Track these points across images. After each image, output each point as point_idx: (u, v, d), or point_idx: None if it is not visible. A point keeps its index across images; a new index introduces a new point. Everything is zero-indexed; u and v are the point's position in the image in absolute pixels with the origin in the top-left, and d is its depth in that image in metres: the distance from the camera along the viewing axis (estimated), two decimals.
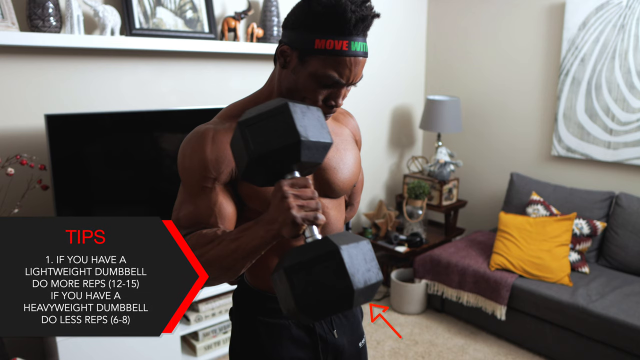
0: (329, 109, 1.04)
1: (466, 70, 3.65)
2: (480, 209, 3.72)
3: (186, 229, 1.01)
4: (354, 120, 1.28)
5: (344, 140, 1.19)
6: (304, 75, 1.00)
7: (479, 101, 3.61)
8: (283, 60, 1.03)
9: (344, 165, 1.16)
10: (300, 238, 0.87)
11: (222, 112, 1.11)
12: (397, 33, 3.63)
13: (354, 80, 1.01)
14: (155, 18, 2.39)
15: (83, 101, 2.29)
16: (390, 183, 3.86)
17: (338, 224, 1.20)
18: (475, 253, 2.98)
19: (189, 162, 1.02)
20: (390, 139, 3.78)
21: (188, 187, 1.03)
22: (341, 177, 1.15)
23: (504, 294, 2.67)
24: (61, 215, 2.08)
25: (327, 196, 1.16)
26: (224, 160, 1.01)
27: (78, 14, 2.12)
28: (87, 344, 2.11)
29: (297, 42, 0.99)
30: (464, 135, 3.74)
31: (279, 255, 1.12)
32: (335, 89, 1.01)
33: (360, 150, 1.32)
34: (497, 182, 3.60)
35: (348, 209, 1.39)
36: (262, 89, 1.12)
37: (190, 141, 1.04)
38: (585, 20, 2.96)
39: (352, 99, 3.43)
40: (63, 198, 2.08)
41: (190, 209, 1.02)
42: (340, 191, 1.17)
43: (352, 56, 0.97)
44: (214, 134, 1.02)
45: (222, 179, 1.02)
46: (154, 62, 2.48)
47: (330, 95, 1.02)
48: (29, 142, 2.14)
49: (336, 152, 1.16)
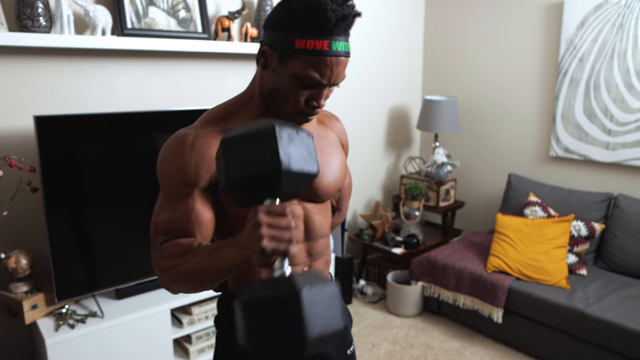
0: (310, 110, 1.02)
1: (464, 70, 3.62)
2: (477, 210, 3.69)
3: (164, 235, 1.00)
4: (341, 123, 1.27)
5: (329, 144, 1.17)
6: (285, 76, 0.98)
7: (477, 101, 3.58)
8: (264, 61, 1.01)
9: (329, 169, 1.14)
10: None
11: (204, 115, 1.09)
12: (394, 32, 3.60)
13: (336, 80, 0.99)
14: (147, 18, 2.36)
15: (74, 102, 2.26)
16: (387, 184, 3.83)
17: (323, 229, 1.17)
18: (472, 255, 2.96)
19: (168, 167, 1.01)
20: (387, 139, 3.75)
21: (167, 193, 1.02)
22: (326, 182, 1.13)
23: (500, 297, 2.65)
24: (51, 218, 2.05)
25: (312, 201, 1.14)
26: (203, 166, 0.99)
27: (68, 13, 2.09)
28: (78, 346, 2.09)
29: (278, 42, 0.97)
30: (462, 136, 3.71)
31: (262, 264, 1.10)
32: (317, 90, 1.00)
33: (348, 154, 1.30)
34: (494, 183, 3.57)
35: (336, 214, 1.38)
36: (245, 91, 1.11)
37: (170, 146, 1.02)
38: (584, 20, 2.92)
39: (349, 99, 3.41)
40: (53, 200, 2.05)
41: (169, 215, 1.00)
42: (324, 196, 1.15)
43: (333, 56, 0.95)
44: (194, 139, 1.00)
45: (201, 184, 1.00)
46: (146, 62, 2.45)
47: (312, 96, 1.00)
48: (18, 143, 2.11)
49: (321, 155, 1.14)
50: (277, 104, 1.03)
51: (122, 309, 2.26)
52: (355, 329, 2.95)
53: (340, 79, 1.00)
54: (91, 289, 2.23)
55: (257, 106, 1.07)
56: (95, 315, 2.21)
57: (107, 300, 2.34)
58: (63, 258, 2.12)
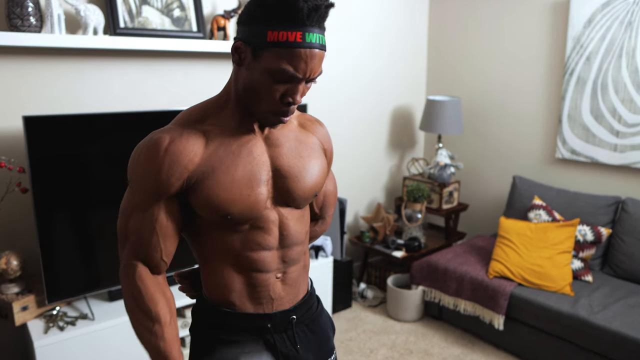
0: (286, 107, 0.98)
1: (467, 70, 3.54)
2: (481, 213, 3.61)
3: (133, 249, 1.02)
4: (324, 129, 1.22)
5: (309, 148, 1.13)
6: (258, 71, 0.95)
7: (481, 101, 3.50)
8: (238, 57, 0.98)
9: (307, 173, 1.10)
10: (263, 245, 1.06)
11: (180, 115, 1.06)
12: (398, 31, 3.54)
13: (312, 74, 0.95)
14: (140, 17, 2.33)
15: (65, 102, 2.24)
16: (390, 185, 3.77)
17: (299, 236, 1.13)
18: (474, 259, 2.88)
19: (140, 171, 1.00)
20: (390, 140, 3.69)
21: (136, 194, 1.01)
22: (302, 186, 1.09)
23: (502, 303, 2.57)
24: (41, 219, 2.03)
25: (288, 205, 1.10)
26: (175, 174, 0.98)
27: (59, 12, 2.06)
28: (67, 349, 2.06)
29: (250, 36, 0.94)
30: (465, 137, 3.63)
31: (235, 268, 1.08)
32: (292, 85, 0.96)
33: (332, 160, 1.25)
34: (499, 186, 3.49)
35: (320, 222, 1.34)
36: (222, 92, 1.07)
37: (143, 149, 1.00)
38: (591, 17, 2.83)
39: (351, 98, 3.35)
40: (43, 201, 2.03)
41: (137, 223, 1.01)
42: (301, 200, 1.11)
43: (307, 48, 0.92)
44: (168, 144, 0.98)
45: (171, 191, 1.00)
46: (140, 62, 2.42)
47: (287, 92, 0.96)
48: (7, 144, 2.10)
49: (299, 159, 1.10)
50: (252, 103, 1.00)
51: (114, 311, 2.24)
52: (353, 333, 2.90)
53: (315, 73, 0.96)
54: (82, 291, 2.20)
55: (235, 106, 1.04)
56: (86, 317, 2.19)
57: (99, 302, 2.31)
58: (53, 259, 2.10)
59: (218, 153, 1.01)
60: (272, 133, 1.08)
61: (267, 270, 1.09)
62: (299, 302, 1.16)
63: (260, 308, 1.10)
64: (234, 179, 1.00)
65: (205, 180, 0.99)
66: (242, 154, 1.02)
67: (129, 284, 1.02)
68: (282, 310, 1.12)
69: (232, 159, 1.01)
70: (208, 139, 1.01)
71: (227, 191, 1.00)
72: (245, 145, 1.03)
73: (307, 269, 1.20)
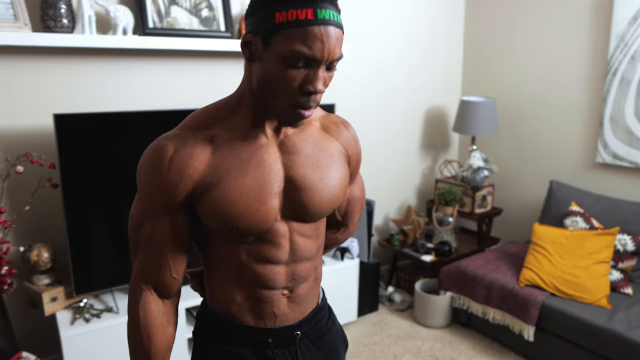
0: (306, 97, 0.87)
1: (503, 69, 3.42)
2: (516, 218, 3.48)
3: (142, 270, 0.99)
4: (349, 132, 1.09)
5: (329, 156, 1.02)
6: (271, 60, 0.86)
7: (517, 102, 3.37)
8: (248, 52, 0.90)
9: (324, 185, 1.00)
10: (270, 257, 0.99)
11: (189, 118, 1.00)
12: (431, 30, 3.46)
13: (330, 56, 0.85)
14: (169, 17, 2.37)
15: (94, 101, 2.31)
16: (422, 188, 3.69)
17: (310, 251, 1.05)
18: (505, 266, 2.77)
19: (144, 180, 0.96)
20: (423, 141, 3.61)
21: (144, 204, 0.97)
22: (318, 200, 0.99)
23: (532, 313, 2.46)
24: (70, 213, 2.10)
25: (300, 220, 1.01)
26: (180, 185, 0.93)
27: (90, 14, 2.12)
28: (92, 340, 2.12)
29: (258, 25, 0.86)
30: (500, 139, 3.50)
31: (238, 281, 1.02)
32: (310, 70, 0.86)
33: (359, 164, 1.14)
34: (535, 190, 3.34)
35: (342, 229, 1.24)
36: (234, 93, 0.99)
37: (147, 158, 0.95)
38: (637, 14, 2.67)
39: (383, 98, 3.30)
40: (72, 196, 2.09)
41: (147, 235, 0.97)
42: (315, 215, 1.01)
43: (320, 25, 0.82)
44: (173, 154, 0.92)
45: (176, 202, 0.95)
46: (168, 61, 2.46)
47: (306, 79, 0.86)
48: (39, 141, 2.18)
49: (316, 169, 0.99)
50: (269, 99, 0.90)
51: None
52: (378, 337, 2.85)
53: (335, 55, 0.86)
54: (109, 285, 2.26)
55: (248, 108, 0.96)
56: (111, 310, 2.25)
57: (125, 296, 2.37)
58: (82, 253, 2.17)
59: (226, 161, 0.94)
60: (288, 138, 0.99)
61: (272, 286, 1.02)
62: (305, 318, 1.09)
63: (262, 322, 1.04)
64: (242, 191, 0.93)
65: (212, 190, 0.93)
66: (252, 162, 0.95)
67: (133, 308, 1.00)
68: (286, 326, 1.06)
69: (241, 168, 0.94)
70: (216, 144, 0.94)
71: (234, 204, 0.93)
72: (256, 153, 0.95)
73: (318, 281, 1.13)
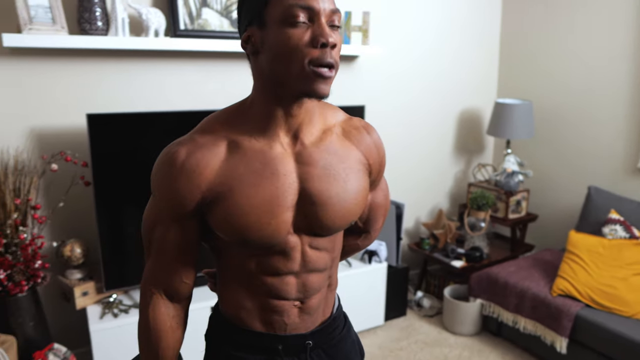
0: (322, 53, 0.83)
1: (541, 70, 3.30)
2: (552, 225, 3.35)
3: (153, 274, 0.99)
4: (371, 137, 1.03)
5: (348, 167, 0.97)
6: (272, 34, 0.84)
7: (555, 104, 3.25)
8: (251, 46, 0.89)
9: (340, 199, 0.95)
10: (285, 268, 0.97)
11: (205, 121, 0.97)
12: (465, 30, 3.37)
13: (326, 5, 0.83)
14: (200, 19, 2.40)
15: (127, 101, 2.36)
16: (455, 191, 3.61)
17: (321, 262, 1.01)
18: (538, 274, 2.68)
19: (157, 187, 0.95)
20: (456, 144, 3.53)
21: (156, 209, 0.97)
22: (333, 215, 0.95)
23: (565, 324, 2.36)
24: (101, 210, 2.16)
25: (314, 234, 0.97)
26: (188, 194, 0.91)
27: (123, 16, 2.18)
28: (119, 335, 2.18)
29: (250, 13, 0.87)
30: (536, 143, 3.39)
31: (249, 290, 1.01)
32: (313, 25, 0.83)
33: (382, 173, 1.08)
34: (572, 196, 3.21)
35: (363, 236, 1.20)
36: (248, 96, 0.97)
37: (159, 164, 0.94)
38: None
39: (415, 100, 3.25)
40: (103, 194, 2.15)
41: (159, 239, 0.96)
42: (330, 230, 0.98)
43: None
44: (184, 160, 0.90)
45: (187, 210, 0.93)
46: (199, 62, 2.50)
47: (313, 35, 0.83)
48: (73, 139, 2.25)
49: (333, 182, 0.95)
50: (285, 74, 0.85)
51: None
52: (404, 342, 2.81)
53: (330, 5, 0.85)
54: (138, 281, 2.31)
55: (260, 104, 0.92)
56: None
57: None
58: (112, 249, 2.22)
59: (238, 170, 0.90)
60: (306, 149, 0.94)
61: (283, 297, 1.00)
62: (318, 328, 1.07)
63: (272, 330, 1.03)
64: (253, 204, 0.90)
65: (222, 201, 0.90)
66: (265, 172, 0.91)
67: (143, 312, 1.00)
68: (297, 334, 1.04)
69: (253, 178, 0.90)
70: (229, 151, 0.91)
71: (244, 216, 0.90)
72: (270, 163, 0.91)
73: (332, 288, 1.10)
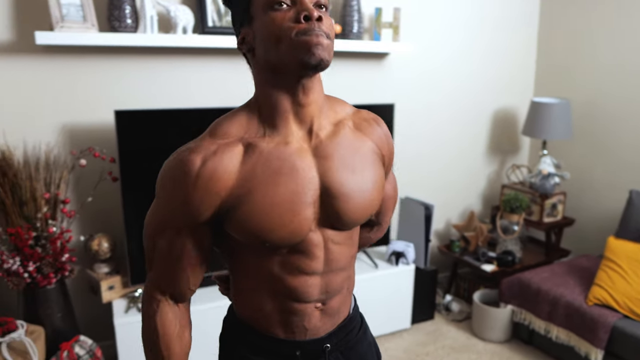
0: (308, 25, 0.83)
1: (579, 68, 3.15)
2: (590, 230, 3.20)
3: (157, 281, 0.97)
4: (381, 128, 1.04)
5: (364, 158, 0.97)
6: (260, 22, 0.87)
7: (594, 103, 3.10)
8: (247, 45, 0.91)
9: (360, 191, 0.95)
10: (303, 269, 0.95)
11: (217, 122, 0.94)
12: (501, 24, 3.26)
13: None
14: (228, 16, 2.40)
15: (154, 97, 2.38)
16: (487, 193, 3.50)
17: (343, 259, 1.00)
18: (573, 281, 2.56)
19: (168, 194, 0.91)
20: (490, 144, 3.42)
21: (161, 216, 0.93)
22: (354, 207, 0.94)
23: (601, 336, 2.25)
24: (127, 206, 2.18)
25: (335, 228, 0.96)
26: (204, 203, 0.88)
27: (152, 14, 2.19)
28: None
29: (239, 13, 0.91)
30: (574, 143, 3.24)
31: (269, 294, 0.98)
32: (297, 5, 0.85)
33: (392, 163, 1.09)
34: (612, 200, 3.06)
35: (375, 228, 1.20)
36: (252, 97, 0.96)
37: (171, 171, 0.90)
38: None
39: (446, 98, 3.17)
40: (130, 189, 2.17)
41: (163, 248, 0.93)
42: (352, 223, 0.97)
43: None
44: (199, 167, 0.86)
45: (200, 220, 0.90)
46: (226, 59, 2.50)
47: (297, 11, 0.84)
48: (101, 136, 2.29)
49: (351, 174, 0.94)
50: (276, 56, 0.86)
51: None
52: (431, 347, 2.74)
53: None
54: None
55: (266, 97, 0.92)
56: None
57: None
58: (138, 244, 2.24)
59: (256, 172, 0.88)
60: (322, 143, 0.93)
61: (306, 299, 0.98)
62: (335, 329, 1.05)
63: (291, 335, 1.01)
64: (273, 202, 0.87)
65: (242, 205, 0.88)
66: (284, 170, 0.89)
67: (148, 319, 0.99)
68: (315, 339, 1.02)
69: (272, 177, 0.88)
70: (245, 152, 0.89)
71: (265, 217, 0.87)
72: (288, 159, 0.89)
73: (350, 290, 1.08)
